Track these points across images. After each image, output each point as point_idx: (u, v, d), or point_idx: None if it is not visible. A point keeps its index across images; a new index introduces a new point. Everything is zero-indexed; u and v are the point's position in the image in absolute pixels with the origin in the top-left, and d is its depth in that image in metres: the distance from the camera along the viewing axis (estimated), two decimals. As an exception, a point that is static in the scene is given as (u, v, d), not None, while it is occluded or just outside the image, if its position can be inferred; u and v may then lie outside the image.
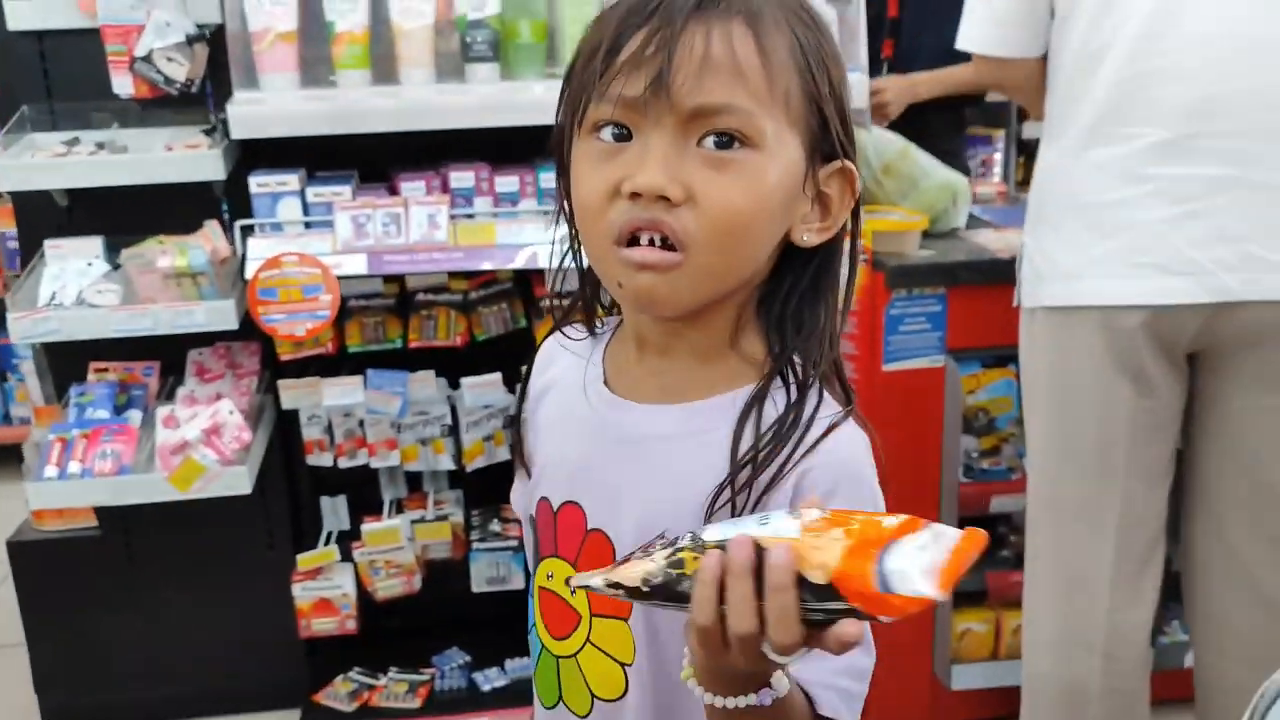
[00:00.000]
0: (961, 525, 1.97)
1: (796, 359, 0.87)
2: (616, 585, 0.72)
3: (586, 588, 0.73)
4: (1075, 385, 1.78)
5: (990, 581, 2.26)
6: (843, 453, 0.85)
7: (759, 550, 0.67)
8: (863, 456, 0.87)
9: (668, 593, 0.70)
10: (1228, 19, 1.59)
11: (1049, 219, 1.79)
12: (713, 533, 0.70)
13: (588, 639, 0.91)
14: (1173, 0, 1.60)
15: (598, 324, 0.96)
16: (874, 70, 2.79)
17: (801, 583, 0.65)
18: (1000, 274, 2.14)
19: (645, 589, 0.71)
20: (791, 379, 0.86)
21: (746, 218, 0.80)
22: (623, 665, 0.90)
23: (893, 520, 0.68)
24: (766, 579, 0.66)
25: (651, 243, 0.80)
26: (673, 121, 0.79)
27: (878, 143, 2.34)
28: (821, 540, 0.67)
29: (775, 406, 0.85)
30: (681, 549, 0.70)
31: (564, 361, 0.97)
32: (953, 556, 0.67)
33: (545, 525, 0.95)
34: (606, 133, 0.81)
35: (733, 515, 0.82)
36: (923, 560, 0.65)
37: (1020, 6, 1.78)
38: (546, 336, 1.00)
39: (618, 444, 0.90)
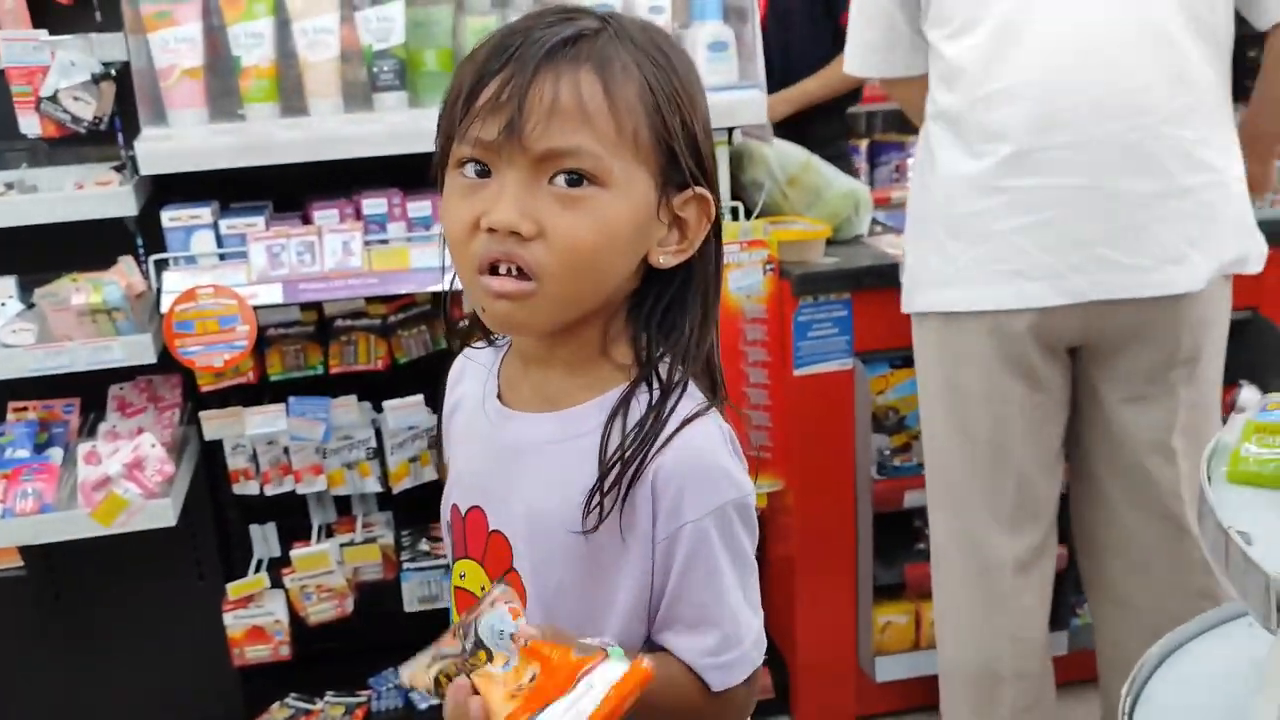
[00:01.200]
0: (876, 521, 2.08)
1: (664, 363, 0.95)
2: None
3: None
4: (966, 384, 1.87)
5: (909, 574, 2.34)
6: (692, 447, 0.91)
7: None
8: (715, 448, 0.92)
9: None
10: (1067, 35, 1.69)
11: (923, 229, 1.88)
12: (483, 630, 0.84)
13: None
14: (1017, 18, 1.70)
15: (497, 337, 1.05)
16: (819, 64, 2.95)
17: None
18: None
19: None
20: (656, 382, 0.94)
21: (593, 250, 0.88)
22: None
23: (581, 653, 0.82)
24: None
25: (509, 272, 0.87)
26: (525, 162, 0.86)
27: (781, 156, 2.41)
28: (513, 682, 0.82)
29: (641, 407, 0.93)
30: (446, 657, 0.87)
31: (470, 376, 1.06)
32: (608, 697, 0.79)
33: (456, 529, 1.03)
34: (469, 169, 0.88)
35: (602, 515, 0.90)
36: (573, 715, 0.79)
37: (886, 34, 1.89)
38: (454, 355, 1.09)
39: (507, 451, 0.98)
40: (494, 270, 0.87)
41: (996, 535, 1.91)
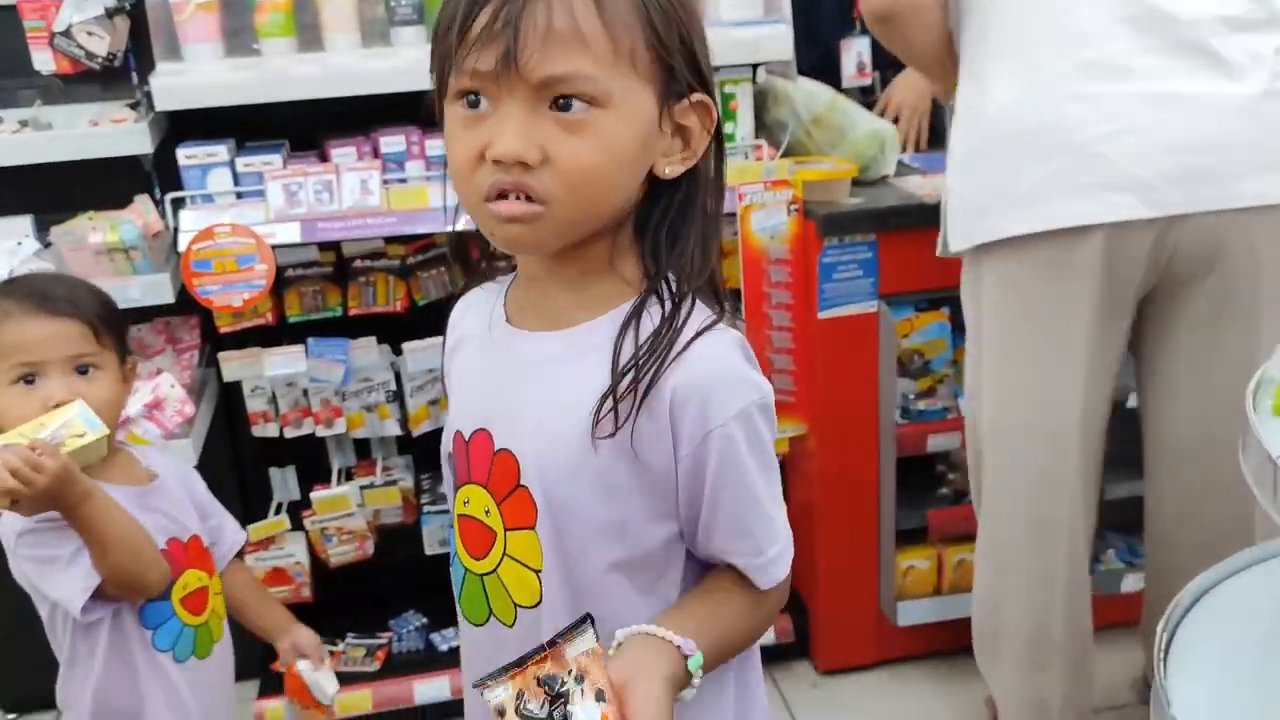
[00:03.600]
0: (899, 466, 2.08)
1: (672, 277, 0.95)
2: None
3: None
4: (1031, 315, 1.76)
5: (931, 519, 2.32)
6: (706, 359, 0.92)
7: None
8: (729, 355, 0.94)
9: None
10: None
11: (981, 153, 1.76)
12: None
13: (504, 553, 0.99)
14: None
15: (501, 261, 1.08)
16: (846, 30, 2.79)
17: None
18: (929, 218, 2.18)
19: None
20: (666, 295, 0.94)
21: (598, 171, 0.88)
22: (536, 572, 0.98)
23: None
24: None
25: (517, 197, 0.87)
26: (524, 90, 0.86)
27: (806, 95, 2.36)
28: None
29: (652, 321, 0.93)
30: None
31: (472, 314, 1.07)
32: None
33: (460, 455, 1.03)
34: (468, 100, 0.88)
35: (616, 423, 0.91)
36: None
37: None
38: (459, 296, 1.12)
39: (516, 369, 0.99)
40: (503, 195, 0.88)
41: (1061, 476, 1.81)
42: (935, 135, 2.69)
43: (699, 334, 0.92)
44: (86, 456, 1.35)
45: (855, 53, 2.76)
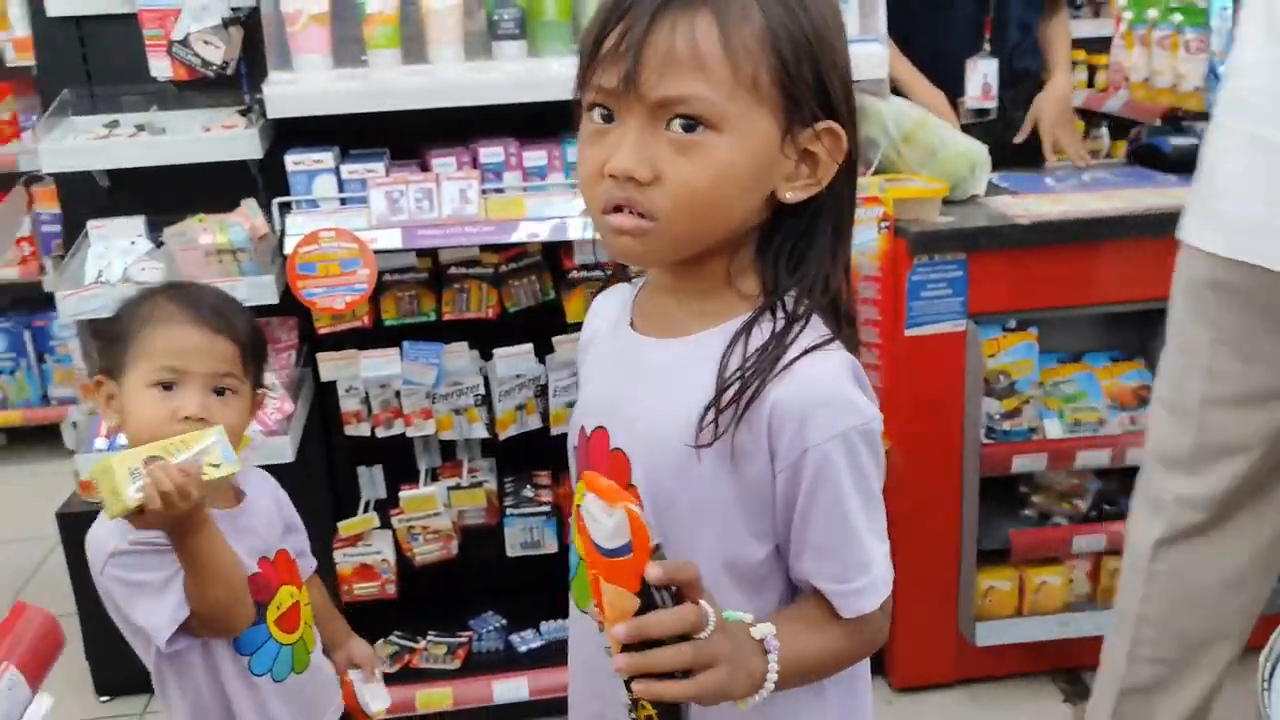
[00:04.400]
0: (983, 486, 2.05)
1: (791, 295, 0.97)
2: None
3: None
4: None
5: (1014, 540, 2.31)
6: (810, 377, 0.93)
7: None
8: (835, 376, 0.94)
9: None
10: None
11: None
12: None
13: None
14: None
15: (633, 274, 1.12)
16: (975, 50, 2.75)
17: None
18: (1020, 239, 2.20)
19: None
20: (781, 314, 0.96)
21: (708, 193, 0.91)
22: None
23: None
24: None
25: (630, 212, 0.91)
26: (643, 109, 0.90)
27: (897, 113, 2.37)
28: None
29: (763, 336, 0.95)
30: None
31: (607, 310, 1.12)
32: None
33: (581, 450, 1.08)
34: (596, 114, 0.93)
35: (716, 434, 0.93)
36: None
37: None
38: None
39: (633, 373, 1.03)
40: (619, 209, 0.92)
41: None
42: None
43: (807, 351, 0.93)
44: (212, 486, 1.33)
45: (981, 74, 2.73)
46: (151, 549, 1.33)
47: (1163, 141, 2.62)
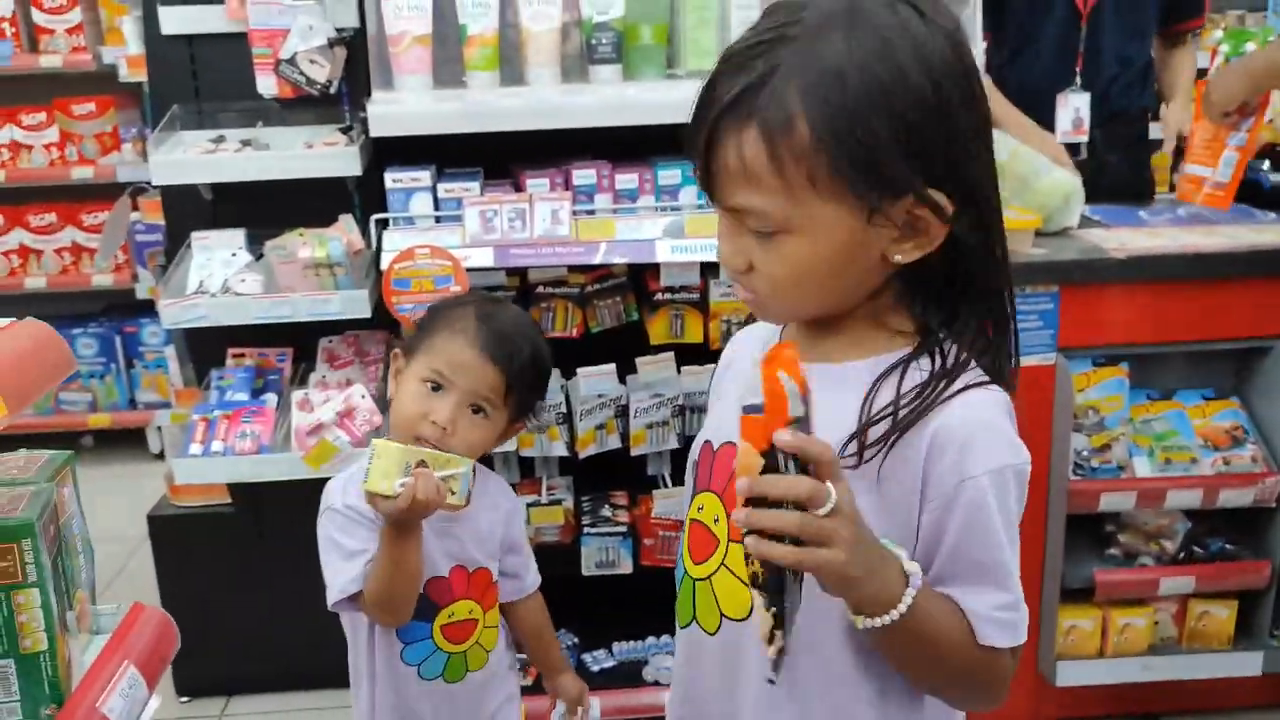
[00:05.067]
0: (1069, 523, 2.02)
1: (950, 344, 0.98)
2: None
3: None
4: None
5: (1099, 579, 2.27)
6: (976, 407, 0.95)
7: None
8: (999, 414, 0.97)
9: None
10: None
11: None
12: None
13: (722, 562, 1.04)
14: None
15: None
16: (1064, 84, 2.67)
17: None
18: (1113, 273, 2.17)
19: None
20: (939, 359, 0.97)
21: (794, 281, 0.95)
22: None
23: None
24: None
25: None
26: (724, 209, 0.96)
27: (989, 143, 2.35)
28: None
29: (921, 374, 0.96)
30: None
31: (748, 340, 1.16)
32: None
33: (704, 464, 1.09)
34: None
35: (859, 461, 0.95)
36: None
37: None
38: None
39: None
40: None
41: None
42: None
43: (969, 386, 0.95)
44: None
45: (1073, 108, 2.66)
46: (360, 520, 1.48)
47: (1263, 177, 2.57)
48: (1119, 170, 2.62)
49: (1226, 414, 2.30)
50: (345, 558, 1.48)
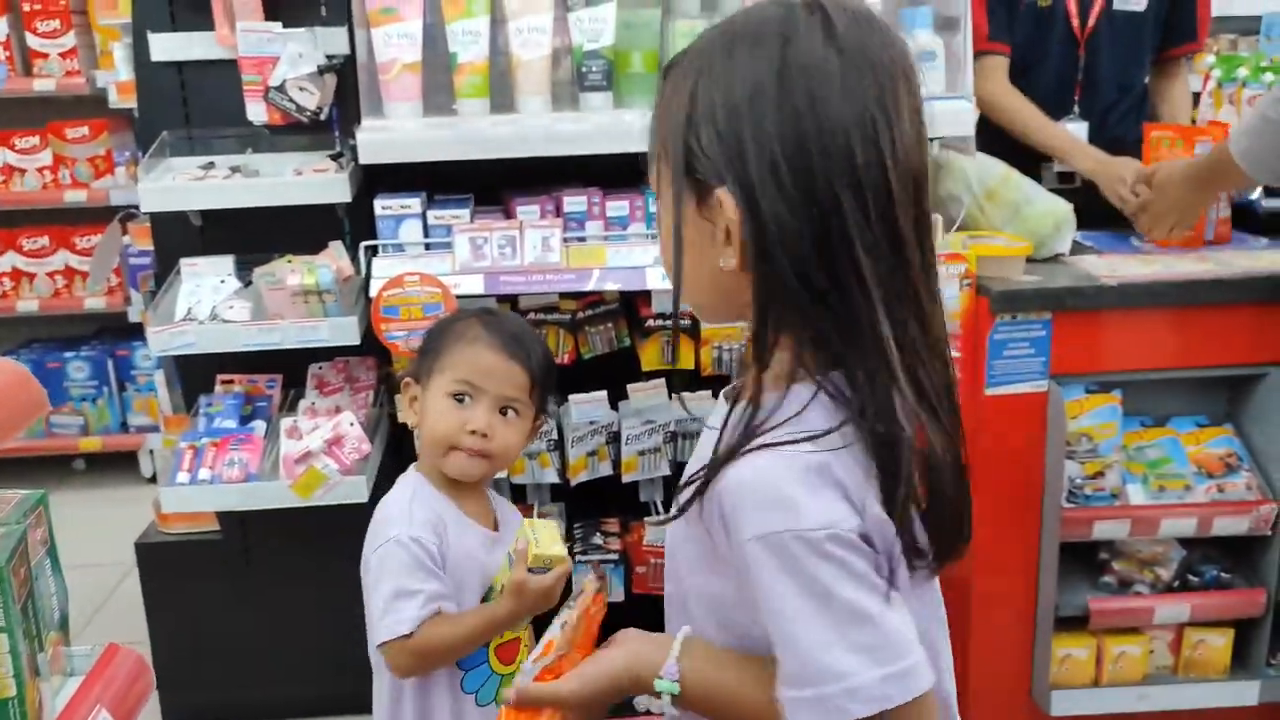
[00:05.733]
0: (1062, 550, 1.98)
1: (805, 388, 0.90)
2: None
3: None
4: None
5: (1093, 608, 2.25)
6: (752, 468, 0.88)
7: None
8: (779, 476, 0.87)
9: None
10: None
11: None
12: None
13: None
14: None
15: None
16: (1062, 113, 2.64)
17: None
18: (1105, 300, 2.16)
19: None
20: (755, 406, 0.91)
21: (676, 277, 0.94)
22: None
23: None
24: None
25: None
26: None
27: (980, 169, 2.35)
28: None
29: (765, 413, 0.91)
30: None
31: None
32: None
33: None
34: None
35: (680, 507, 0.95)
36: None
37: None
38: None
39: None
40: None
41: None
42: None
43: (767, 446, 0.87)
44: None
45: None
46: (424, 559, 1.50)
47: (1255, 203, 2.57)
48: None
49: (1220, 441, 2.29)
50: (402, 596, 1.48)
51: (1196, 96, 3.08)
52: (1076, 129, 2.62)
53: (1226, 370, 2.24)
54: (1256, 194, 2.60)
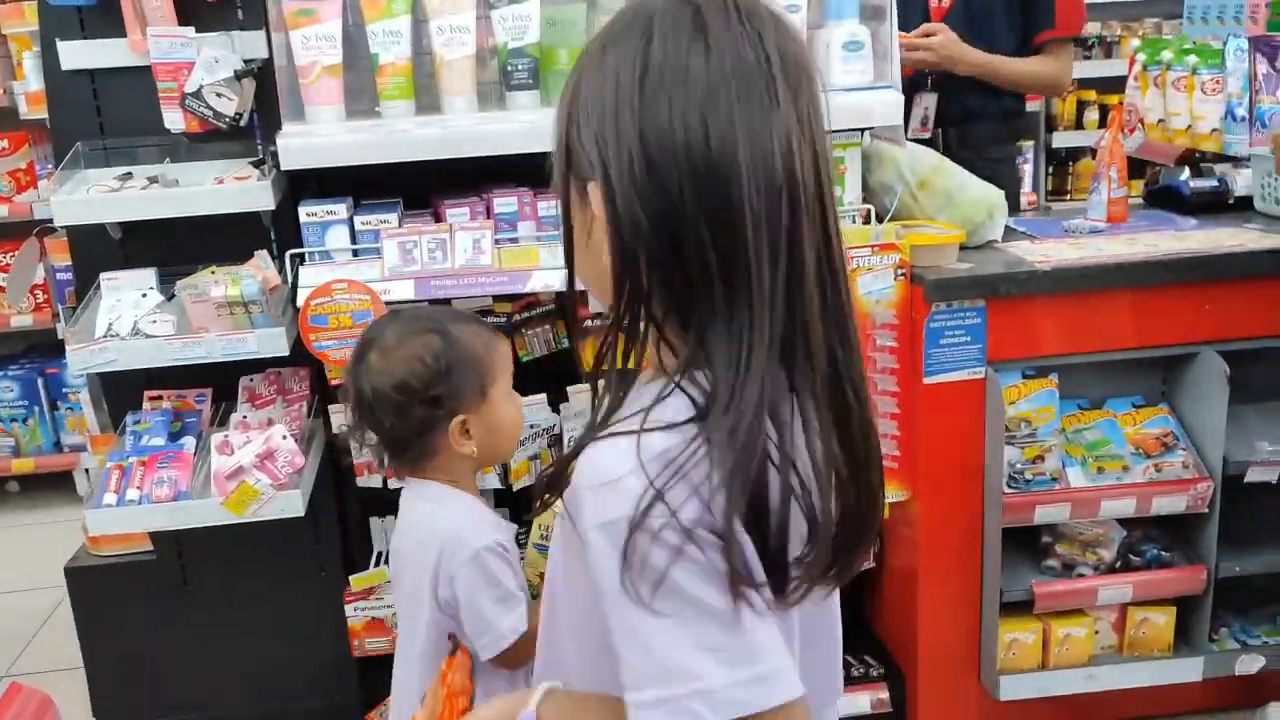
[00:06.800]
0: (1005, 536, 2.00)
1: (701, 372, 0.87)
2: None
3: None
4: None
5: (1037, 591, 2.26)
6: (589, 457, 0.85)
7: None
8: (618, 463, 0.83)
9: None
10: None
11: None
12: None
13: None
14: None
15: None
16: (920, 87, 2.80)
17: None
18: (1040, 285, 2.17)
19: None
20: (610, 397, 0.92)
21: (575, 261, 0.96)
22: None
23: None
24: None
25: None
26: None
27: (912, 159, 2.36)
28: None
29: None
30: None
31: None
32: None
33: None
34: None
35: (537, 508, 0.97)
36: None
37: None
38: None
39: None
40: None
41: None
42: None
43: (612, 434, 0.85)
44: None
45: (923, 108, 2.82)
46: (510, 559, 1.64)
47: (1182, 184, 2.60)
48: (971, 168, 2.63)
49: (1156, 421, 2.31)
50: (502, 600, 1.59)
51: (1123, 80, 3.12)
52: (927, 100, 2.80)
53: (1160, 351, 2.26)
54: (1184, 175, 2.64)
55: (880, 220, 2.26)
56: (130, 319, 2.15)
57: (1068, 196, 4.79)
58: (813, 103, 0.87)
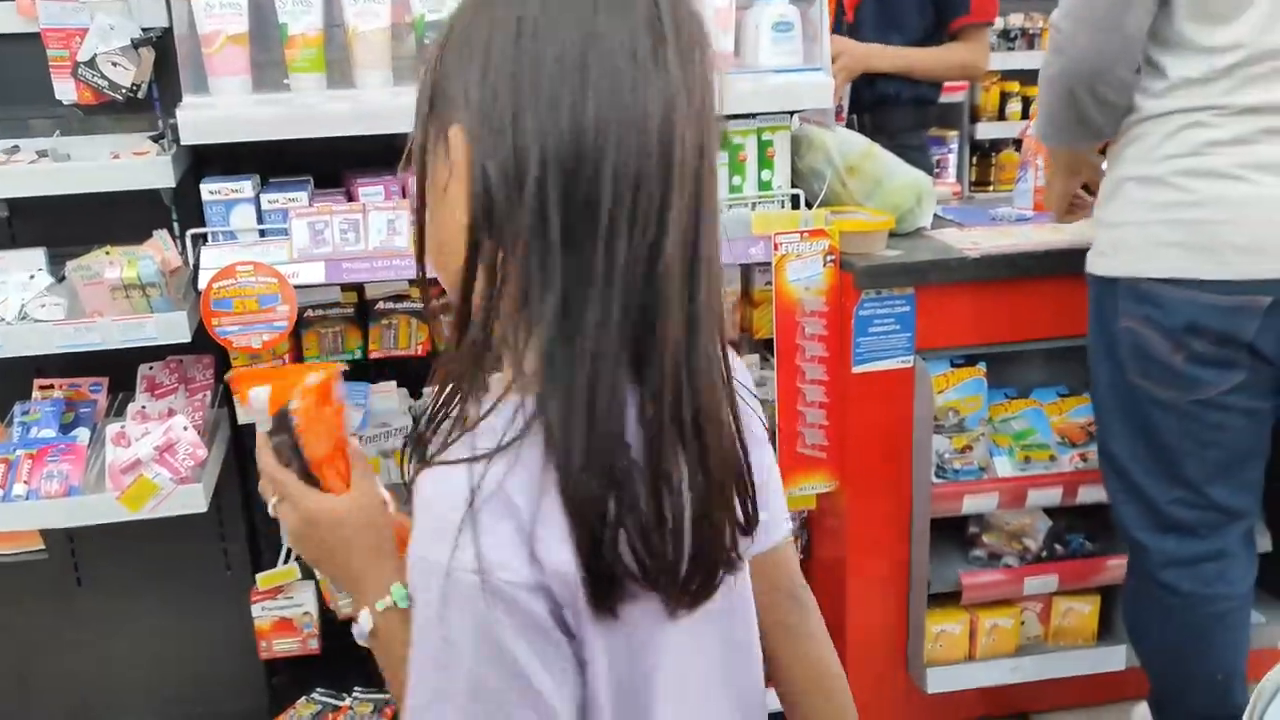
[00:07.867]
0: (932, 526, 1.92)
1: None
2: None
3: None
4: None
5: (964, 582, 2.25)
6: (419, 492, 0.81)
7: None
8: (441, 495, 0.79)
9: None
10: None
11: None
12: None
13: None
14: None
15: None
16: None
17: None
18: (968, 272, 2.14)
19: None
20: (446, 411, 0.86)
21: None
22: None
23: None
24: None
25: None
26: None
27: (842, 143, 2.32)
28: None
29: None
30: None
31: None
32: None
33: None
34: None
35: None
36: None
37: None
38: None
39: None
40: None
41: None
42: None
43: (445, 463, 0.80)
44: None
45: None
46: None
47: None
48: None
49: (1081, 410, 2.30)
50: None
51: (1035, 74, 3.12)
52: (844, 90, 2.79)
53: (1084, 340, 2.25)
54: (1106, 164, 2.64)
55: (810, 205, 2.22)
56: (17, 302, 2.01)
57: (990, 187, 4.83)
58: (704, 79, 0.80)
